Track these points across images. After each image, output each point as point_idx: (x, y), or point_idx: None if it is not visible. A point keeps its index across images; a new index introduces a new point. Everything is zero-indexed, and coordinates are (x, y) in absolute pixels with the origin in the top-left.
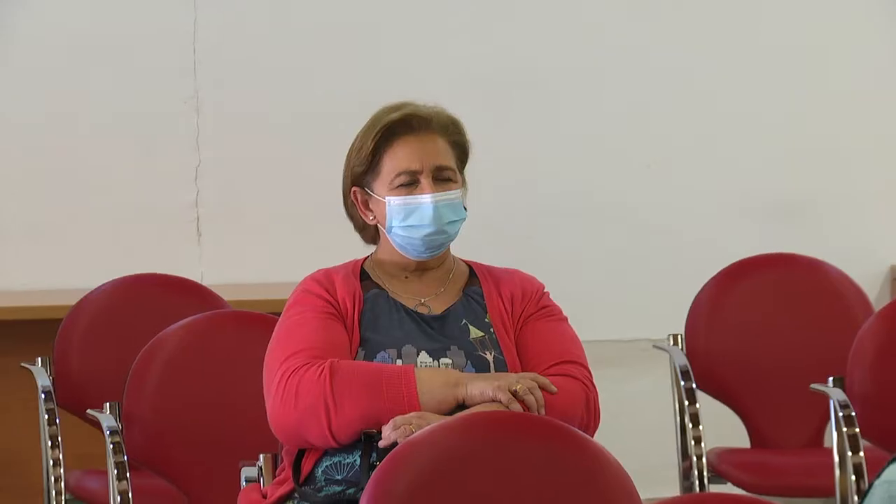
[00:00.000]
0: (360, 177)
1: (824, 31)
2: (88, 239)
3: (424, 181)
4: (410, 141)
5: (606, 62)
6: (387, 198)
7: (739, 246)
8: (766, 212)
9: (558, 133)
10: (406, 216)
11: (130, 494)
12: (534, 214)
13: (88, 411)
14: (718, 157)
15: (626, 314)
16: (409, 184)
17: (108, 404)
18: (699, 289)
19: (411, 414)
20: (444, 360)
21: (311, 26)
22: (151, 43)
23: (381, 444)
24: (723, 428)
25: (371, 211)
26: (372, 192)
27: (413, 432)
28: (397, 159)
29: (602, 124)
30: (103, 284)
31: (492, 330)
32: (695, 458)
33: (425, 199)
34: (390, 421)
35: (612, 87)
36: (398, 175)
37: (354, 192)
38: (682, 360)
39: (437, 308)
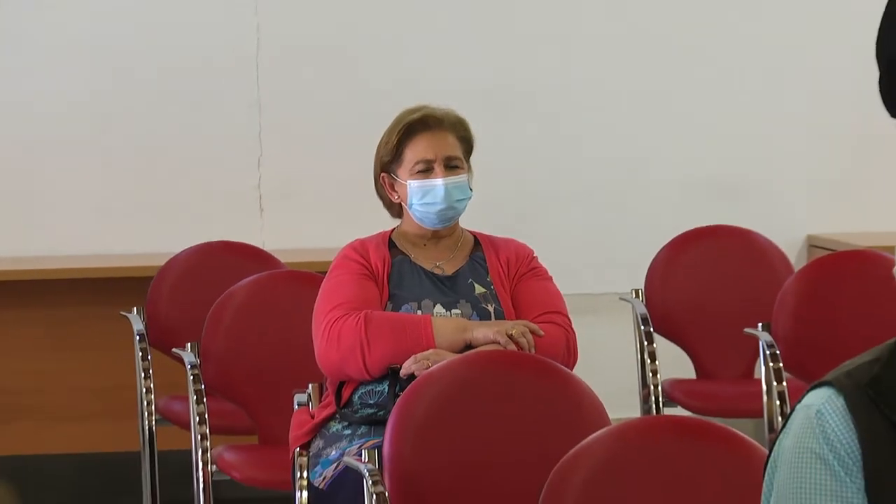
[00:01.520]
0: (387, 165)
1: (759, 26)
2: (173, 213)
3: (438, 168)
4: (427, 136)
5: (572, 62)
6: (408, 181)
7: (687, 218)
8: (707, 190)
9: (541, 130)
10: (423, 195)
11: (206, 415)
12: (524, 195)
13: (174, 349)
14: (668, 146)
15: (598, 273)
16: (426, 170)
17: (189, 344)
18: (655, 253)
19: (429, 351)
20: (454, 311)
21: (354, 33)
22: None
23: (402, 373)
24: (674, 363)
25: (396, 192)
26: (396, 177)
27: (429, 366)
28: (416, 151)
29: (576, 124)
30: (185, 249)
31: (492, 287)
32: (652, 387)
33: (438, 182)
34: (412, 356)
35: (579, 85)
36: (417, 163)
37: (383, 177)
38: (642, 309)
39: (448, 270)
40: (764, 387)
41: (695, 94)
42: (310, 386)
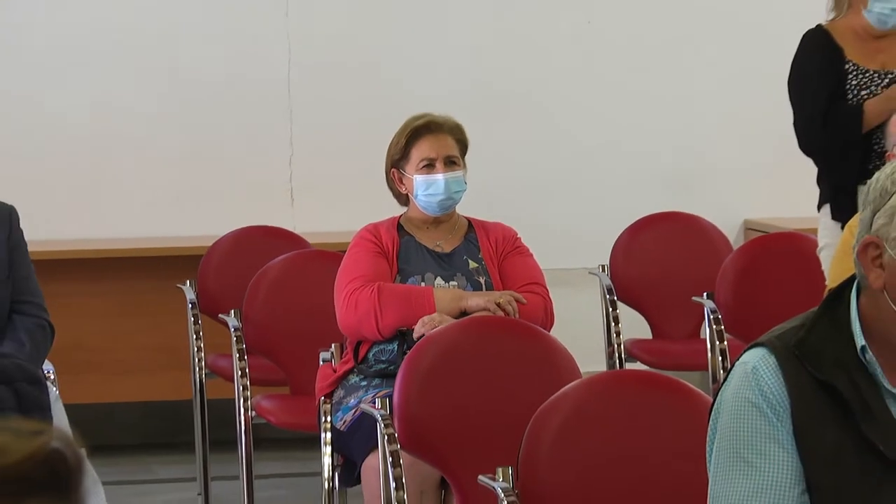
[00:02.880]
0: (396, 162)
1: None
2: (219, 203)
3: (439, 165)
4: (430, 139)
5: (549, 74)
6: (414, 176)
7: (644, 205)
8: (661, 182)
9: (522, 133)
10: (427, 187)
11: (247, 370)
12: (509, 187)
13: (220, 315)
14: (628, 145)
15: (571, 251)
16: (429, 166)
17: (232, 310)
18: (618, 234)
19: (434, 314)
20: (452, 283)
21: (371, 52)
22: (256, 66)
23: (415, 335)
24: (634, 326)
25: (404, 185)
26: (404, 172)
27: (435, 327)
28: (421, 150)
29: (550, 128)
30: (229, 232)
31: (483, 263)
32: (615, 346)
33: (440, 177)
34: (420, 319)
35: (552, 96)
36: (422, 161)
37: (392, 172)
38: (607, 281)
39: (447, 248)
40: (708, 345)
41: (649, 100)
42: (332, 345)
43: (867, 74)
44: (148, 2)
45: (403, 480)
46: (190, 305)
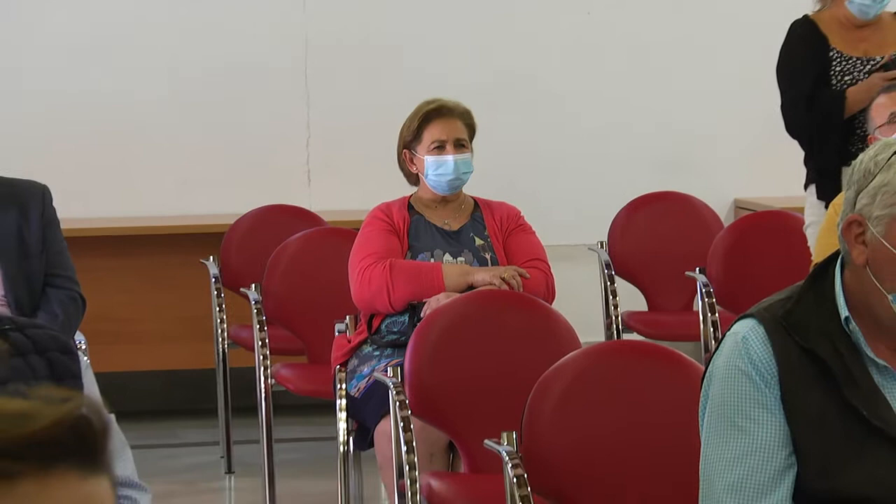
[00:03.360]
0: (408, 143)
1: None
2: (240, 183)
3: (449, 147)
4: (441, 122)
5: (550, 65)
6: (425, 157)
7: (640, 185)
8: (656, 163)
9: (526, 118)
10: (437, 167)
11: (267, 340)
12: (513, 168)
13: (241, 289)
14: (625, 129)
15: (571, 228)
16: (439, 148)
17: (253, 284)
18: (616, 212)
19: (441, 294)
20: (459, 259)
21: (384, 40)
22: (276, 56)
23: (422, 316)
24: (631, 299)
25: (415, 165)
26: (416, 153)
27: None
28: (433, 133)
29: (552, 114)
30: (250, 211)
31: (489, 240)
32: (613, 318)
33: (449, 158)
34: (427, 302)
35: (555, 84)
36: (433, 142)
37: (404, 153)
38: (605, 257)
39: (454, 226)
40: (700, 317)
41: (645, 87)
42: (347, 317)
43: (850, 61)
44: (181, 1)
45: (414, 444)
46: (213, 280)
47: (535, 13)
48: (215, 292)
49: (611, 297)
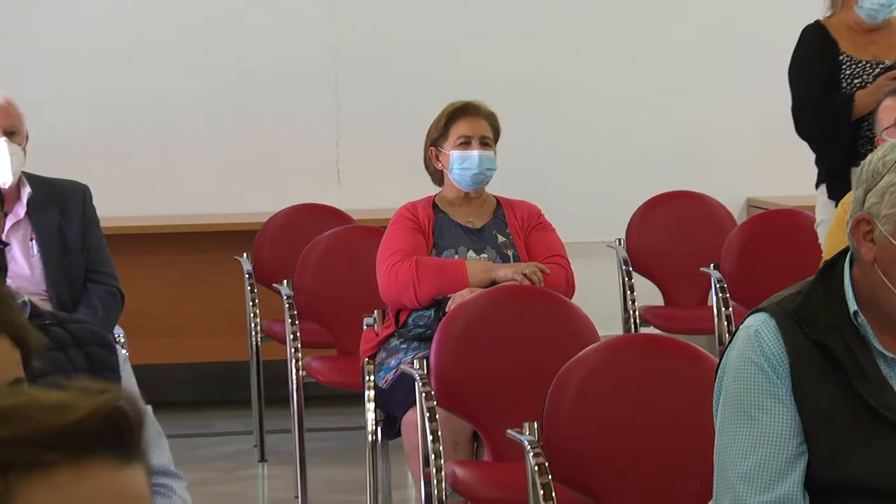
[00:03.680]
0: (435, 140)
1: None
2: (273, 183)
3: (474, 143)
4: (467, 120)
5: (570, 68)
6: (451, 152)
7: (656, 185)
8: (672, 164)
9: (547, 121)
10: (462, 162)
11: (298, 334)
12: (535, 169)
13: (274, 284)
14: (642, 130)
15: (590, 226)
16: (465, 143)
17: (285, 280)
18: (634, 211)
19: (465, 290)
20: (483, 256)
21: (410, 45)
22: (307, 61)
23: (447, 308)
24: (648, 294)
25: (440, 161)
26: (442, 149)
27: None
28: (459, 129)
29: (572, 118)
30: (282, 209)
31: (511, 237)
32: (631, 312)
33: (474, 154)
34: (452, 298)
35: (573, 88)
36: (459, 138)
37: (431, 150)
38: (623, 253)
39: (478, 224)
40: (714, 311)
41: (661, 90)
42: (375, 311)
43: (860, 65)
44: (209, 4)
45: (439, 433)
46: (247, 276)
47: (553, 23)
48: (249, 288)
49: (628, 292)
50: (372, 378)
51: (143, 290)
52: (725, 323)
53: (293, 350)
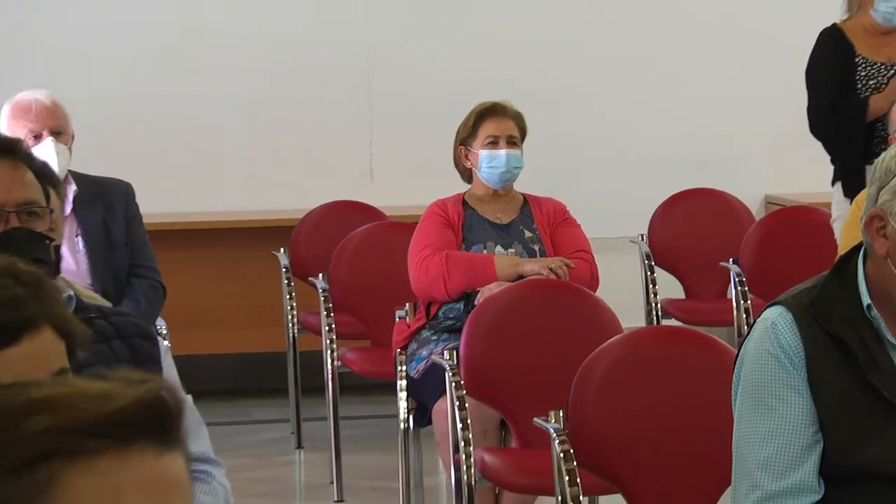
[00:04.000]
0: (464, 139)
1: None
2: (308, 180)
3: (502, 142)
4: (495, 120)
5: (592, 74)
6: (479, 151)
7: (677, 182)
8: (692, 162)
9: (573, 122)
10: (490, 160)
11: (333, 326)
12: (560, 167)
13: (309, 278)
14: (663, 131)
15: (613, 222)
16: (493, 143)
17: (320, 274)
18: (655, 207)
19: (493, 283)
20: (510, 251)
21: (440, 51)
22: (341, 65)
23: (476, 301)
24: (669, 287)
25: (469, 160)
26: (471, 148)
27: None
28: (487, 129)
29: (598, 118)
30: (318, 206)
31: (537, 233)
32: (653, 304)
33: (501, 152)
34: (480, 291)
35: (596, 91)
36: (487, 137)
37: (460, 149)
38: (646, 248)
39: (505, 220)
40: (734, 304)
41: (682, 91)
42: (407, 304)
43: (875, 66)
44: (253, 9)
45: (468, 422)
46: (283, 270)
47: (584, 29)
48: (286, 281)
49: (651, 286)
50: (404, 368)
51: (184, 284)
52: (744, 315)
53: (328, 341)
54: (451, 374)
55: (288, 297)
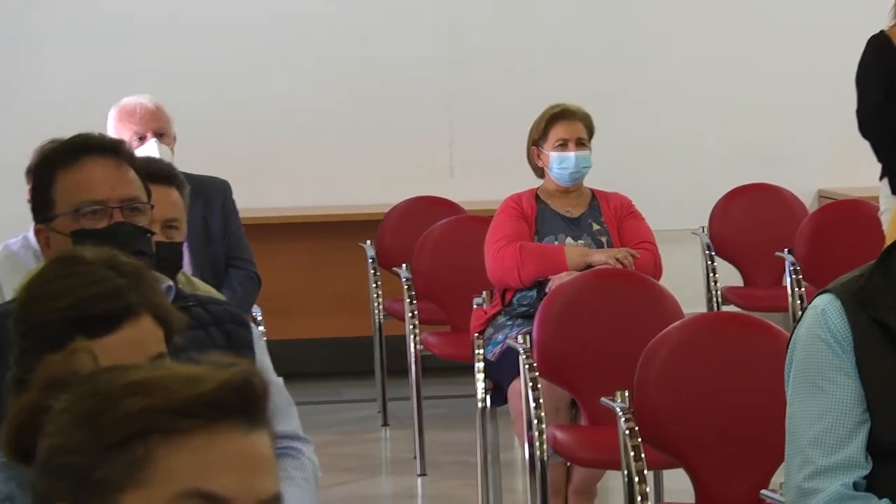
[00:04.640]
0: (536, 141)
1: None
2: (394, 178)
3: (571, 144)
4: (565, 123)
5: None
6: (550, 153)
7: (736, 177)
8: (750, 158)
9: (638, 121)
10: (560, 162)
11: (416, 312)
12: (626, 164)
13: (394, 268)
14: (723, 128)
15: (676, 215)
16: (563, 145)
17: (404, 264)
18: (716, 201)
19: (564, 272)
20: (580, 242)
21: (514, 56)
22: (423, 71)
23: (548, 289)
24: (728, 275)
25: (541, 160)
26: (542, 149)
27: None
28: (557, 132)
29: (660, 116)
30: (402, 201)
31: (605, 225)
32: (714, 292)
33: (571, 154)
34: (552, 279)
35: (666, 82)
36: (557, 140)
37: (532, 149)
38: (706, 239)
39: (575, 213)
40: (789, 291)
41: (740, 91)
42: (484, 292)
43: None
44: (342, 18)
45: (541, 401)
46: (370, 260)
47: (649, 35)
48: (372, 271)
49: (711, 274)
50: (481, 351)
51: (279, 274)
52: (798, 302)
53: (411, 326)
54: (524, 356)
55: (374, 285)
